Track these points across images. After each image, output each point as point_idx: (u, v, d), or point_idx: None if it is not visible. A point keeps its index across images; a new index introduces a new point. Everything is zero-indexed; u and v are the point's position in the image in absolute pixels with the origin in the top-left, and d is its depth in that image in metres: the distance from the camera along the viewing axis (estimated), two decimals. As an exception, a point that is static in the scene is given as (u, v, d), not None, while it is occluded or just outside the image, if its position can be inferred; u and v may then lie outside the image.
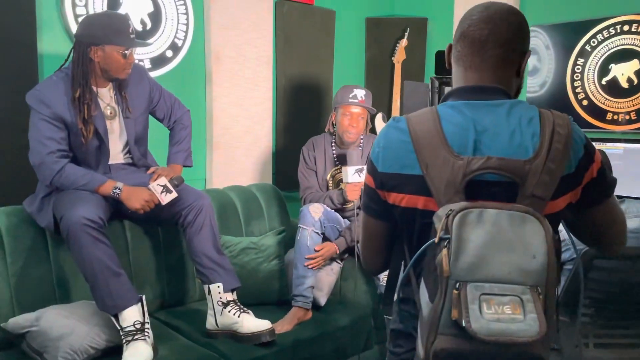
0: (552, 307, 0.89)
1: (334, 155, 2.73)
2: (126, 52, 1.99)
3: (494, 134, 0.98)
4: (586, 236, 1.14)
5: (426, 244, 0.92)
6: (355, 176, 2.46)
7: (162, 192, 2.06)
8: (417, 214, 1.01)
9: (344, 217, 2.66)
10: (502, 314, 0.83)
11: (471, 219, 0.88)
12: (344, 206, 2.60)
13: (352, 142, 2.66)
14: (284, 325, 2.26)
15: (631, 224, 1.93)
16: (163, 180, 2.08)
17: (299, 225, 2.49)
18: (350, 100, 2.62)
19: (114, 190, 2.00)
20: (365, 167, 2.44)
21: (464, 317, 0.83)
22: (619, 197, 2.05)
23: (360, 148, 2.70)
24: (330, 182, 2.73)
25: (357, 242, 2.54)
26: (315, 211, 2.48)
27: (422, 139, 0.99)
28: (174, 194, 2.08)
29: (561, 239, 1.96)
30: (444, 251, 0.87)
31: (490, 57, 1.04)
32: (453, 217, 0.88)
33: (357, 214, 2.44)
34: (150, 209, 2.05)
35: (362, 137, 2.71)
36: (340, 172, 2.66)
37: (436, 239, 0.88)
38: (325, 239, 2.54)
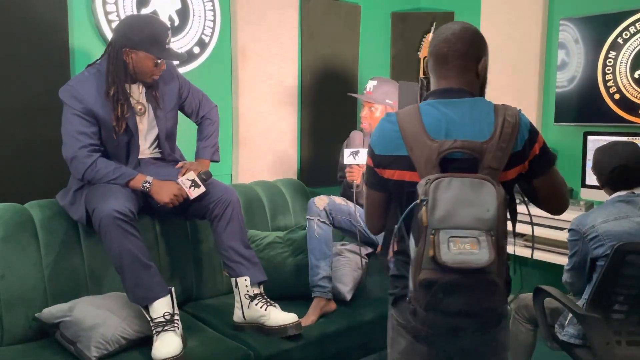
0: (502, 247, 1.19)
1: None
2: (158, 60, 2.03)
3: (460, 123, 1.30)
4: (538, 201, 1.43)
5: (411, 205, 1.23)
6: (350, 158, 2.45)
7: (190, 187, 2.08)
8: (405, 184, 1.33)
9: None
10: (464, 250, 1.14)
11: (443, 185, 1.19)
12: (351, 189, 2.53)
13: (368, 132, 2.63)
14: (309, 317, 2.27)
15: None
16: (191, 175, 2.10)
17: (307, 216, 2.51)
18: (363, 92, 2.65)
19: (144, 184, 2.03)
20: (360, 149, 2.46)
21: (437, 253, 1.14)
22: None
23: None
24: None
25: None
26: (319, 202, 2.49)
27: (408, 129, 1.31)
28: (202, 189, 2.10)
29: (594, 235, 1.93)
30: (423, 209, 1.18)
31: (452, 68, 1.37)
32: (430, 184, 1.19)
33: (355, 195, 2.46)
34: (179, 202, 2.08)
35: None
36: None
37: (418, 201, 1.20)
38: (336, 229, 2.55)
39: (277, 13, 3.06)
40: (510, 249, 1.31)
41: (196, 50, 2.78)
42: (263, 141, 3.09)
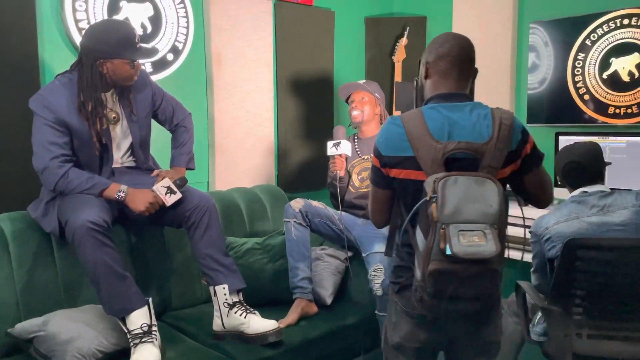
0: (503, 238, 1.31)
1: (356, 147, 2.77)
2: (134, 62, 2.00)
3: (461, 126, 1.41)
4: (527, 195, 1.57)
5: (420, 202, 1.33)
6: (332, 149, 2.53)
7: (166, 194, 2.06)
8: (411, 183, 1.43)
9: (359, 217, 2.66)
10: (473, 242, 1.24)
11: (450, 183, 1.29)
12: (335, 182, 2.59)
13: (358, 122, 2.71)
14: (289, 317, 2.29)
15: (616, 217, 1.91)
16: (167, 182, 2.08)
17: (284, 219, 2.53)
18: (350, 88, 2.70)
19: (118, 194, 2.00)
20: (342, 140, 2.51)
21: (449, 246, 1.23)
22: (619, 189, 2.03)
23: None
24: (351, 170, 2.75)
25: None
26: (295, 204, 2.51)
27: (413, 131, 1.41)
28: (178, 195, 2.08)
29: (548, 236, 1.99)
30: (434, 205, 1.28)
31: (464, 70, 1.51)
32: (438, 182, 1.29)
33: (339, 188, 2.57)
34: (155, 210, 2.05)
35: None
36: (362, 161, 2.72)
37: (428, 198, 1.29)
38: (314, 232, 2.56)
39: (251, 19, 3.05)
40: None
41: (170, 57, 2.75)
42: (240, 148, 3.07)
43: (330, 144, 2.54)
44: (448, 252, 1.23)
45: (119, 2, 2.55)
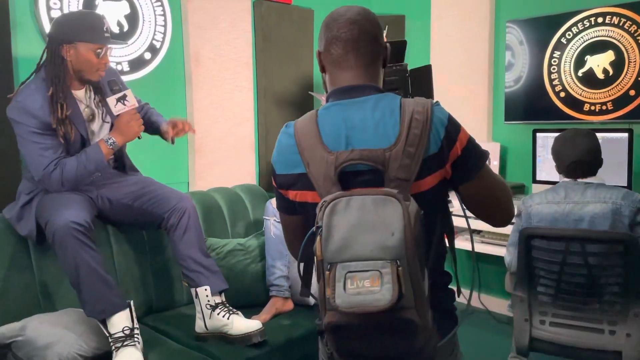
0: (416, 275, 0.95)
1: None
2: (99, 50, 1.93)
3: (361, 128, 1.07)
4: (475, 210, 1.19)
5: (307, 234, 1.03)
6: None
7: (117, 104, 1.98)
8: (309, 206, 1.11)
9: None
10: (362, 288, 0.92)
11: (340, 207, 0.98)
12: None
13: None
14: (261, 316, 2.28)
15: (594, 208, 1.99)
16: (112, 100, 1.99)
17: (263, 217, 2.51)
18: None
19: (111, 144, 1.97)
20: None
21: (331, 295, 0.93)
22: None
23: None
24: None
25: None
26: (275, 202, 2.48)
27: (304, 140, 1.09)
28: (127, 93, 1.99)
29: (528, 212, 2.12)
30: (318, 238, 0.97)
31: (364, 54, 1.12)
32: (325, 208, 0.98)
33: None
34: (142, 121, 2.04)
35: None
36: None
37: (314, 228, 0.99)
38: None
39: (230, 17, 3.03)
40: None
41: (147, 56, 2.71)
42: (220, 147, 3.04)
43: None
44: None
45: (94, -1, 2.51)
